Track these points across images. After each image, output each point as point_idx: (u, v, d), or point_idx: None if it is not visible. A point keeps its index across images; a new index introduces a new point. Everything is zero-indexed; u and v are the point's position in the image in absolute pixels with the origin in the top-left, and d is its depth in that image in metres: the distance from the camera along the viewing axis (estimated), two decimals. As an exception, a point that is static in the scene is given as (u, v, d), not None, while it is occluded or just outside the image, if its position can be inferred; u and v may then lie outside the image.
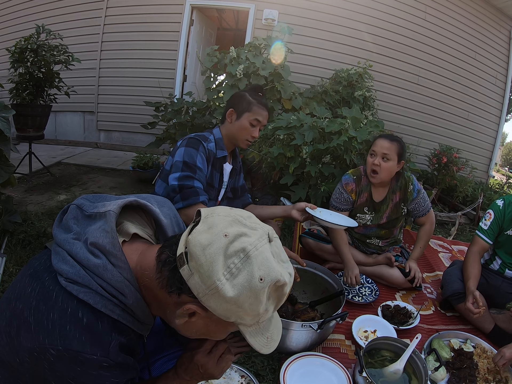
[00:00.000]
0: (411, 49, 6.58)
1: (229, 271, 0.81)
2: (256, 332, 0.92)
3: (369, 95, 4.89)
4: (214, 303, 0.82)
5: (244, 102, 2.21)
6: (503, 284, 2.58)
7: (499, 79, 7.65)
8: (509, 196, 2.61)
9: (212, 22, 7.86)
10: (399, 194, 2.74)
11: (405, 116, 6.72)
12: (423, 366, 1.86)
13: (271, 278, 0.82)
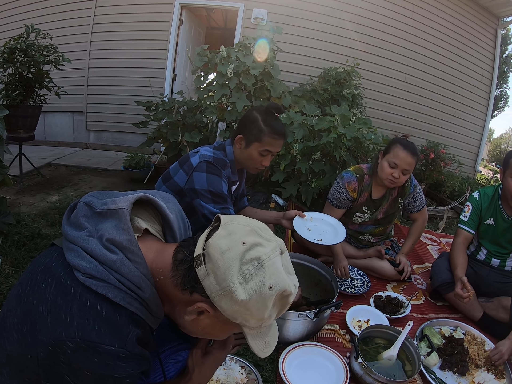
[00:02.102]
0: (398, 47, 6.67)
1: (243, 276, 0.86)
2: (257, 336, 0.98)
3: (357, 93, 4.96)
4: (225, 304, 0.87)
5: (255, 129, 2.04)
6: (490, 273, 2.69)
7: (485, 76, 7.78)
8: (484, 188, 2.74)
9: (201, 21, 7.87)
10: (397, 189, 2.80)
11: (392, 113, 6.82)
12: (416, 351, 1.94)
13: (279, 287, 0.88)
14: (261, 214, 2.52)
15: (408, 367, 1.94)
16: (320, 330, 2.18)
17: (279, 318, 1.83)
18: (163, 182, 2.18)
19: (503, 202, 2.59)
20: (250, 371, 1.72)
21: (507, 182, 2.44)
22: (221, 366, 1.70)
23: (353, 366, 1.85)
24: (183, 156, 2.18)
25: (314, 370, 1.85)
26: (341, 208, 2.81)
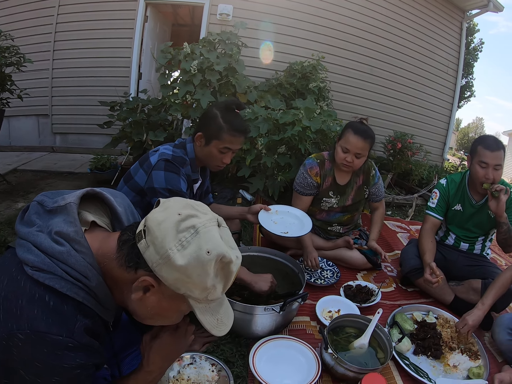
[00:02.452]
0: (364, 40, 6.74)
1: (180, 243, 0.90)
2: (206, 311, 1.01)
3: (324, 86, 4.98)
4: (166, 273, 0.91)
5: (214, 126, 2.01)
6: (459, 258, 2.75)
7: (451, 67, 7.98)
8: (451, 175, 2.81)
9: (166, 18, 7.80)
10: (362, 177, 2.86)
11: (359, 105, 6.89)
12: (387, 339, 1.95)
13: (217, 252, 0.91)
14: (226, 210, 2.51)
15: (380, 354, 1.95)
16: (290, 322, 2.18)
17: (246, 313, 1.84)
18: (124, 183, 2.15)
19: (470, 188, 2.66)
20: (221, 368, 1.70)
21: (474, 168, 2.50)
22: (191, 364, 1.68)
23: (324, 357, 1.84)
24: (143, 156, 2.15)
25: (285, 363, 1.84)
26: (308, 195, 2.83)
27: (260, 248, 2.48)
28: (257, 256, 2.40)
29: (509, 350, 2.14)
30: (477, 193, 2.63)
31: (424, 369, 2.03)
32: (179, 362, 1.68)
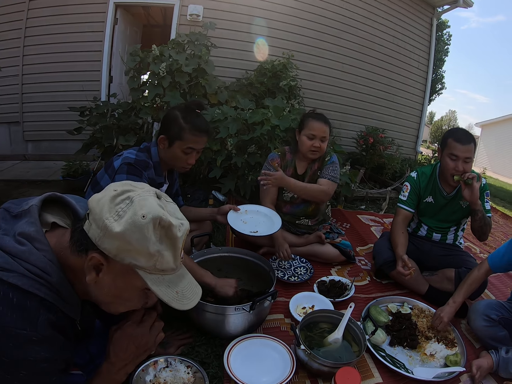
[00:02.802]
0: (335, 38, 6.80)
1: (116, 214, 0.95)
2: (160, 282, 1.03)
3: (294, 84, 5.00)
4: (107, 243, 0.95)
5: (175, 128, 2.01)
6: (432, 248, 2.80)
7: (421, 62, 8.13)
8: (421, 168, 2.85)
9: (137, 20, 7.69)
10: (317, 164, 2.94)
11: (331, 102, 6.94)
12: (360, 332, 1.98)
13: (152, 215, 0.95)
14: (196, 212, 2.52)
15: (355, 347, 1.97)
16: (264, 321, 2.19)
17: (218, 314, 1.85)
18: (91, 189, 2.14)
19: (441, 180, 2.70)
20: (197, 370, 1.69)
21: (444, 161, 2.55)
22: (167, 367, 1.68)
23: (298, 353, 1.86)
24: (108, 161, 2.14)
25: (260, 361, 1.85)
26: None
27: (231, 249, 2.49)
28: (228, 257, 2.41)
29: (485, 336, 2.19)
30: (448, 185, 2.67)
31: (401, 359, 2.06)
32: (155, 366, 1.67)
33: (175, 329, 2.02)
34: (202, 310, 1.90)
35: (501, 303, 2.29)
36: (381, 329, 2.19)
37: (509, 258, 2.22)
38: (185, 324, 2.06)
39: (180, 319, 2.07)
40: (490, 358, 2.03)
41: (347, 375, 1.67)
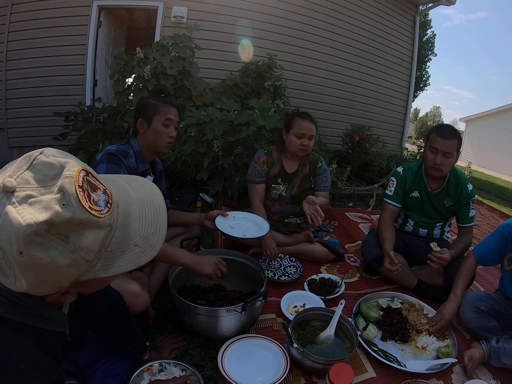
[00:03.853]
0: (319, 37, 6.82)
1: (9, 269, 0.74)
2: (111, 259, 0.82)
3: (279, 84, 5.00)
4: (39, 291, 0.78)
5: (149, 107, 2.15)
6: (419, 243, 2.84)
7: (405, 60, 8.21)
8: (407, 163, 2.88)
9: (121, 22, 7.62)
10: (308, 167, 2.95)
11: (316, 101, 6.96)
12: (352, 328, 2.00)
13: (24, 242, 0.70)
14: (184, 216, 2.53)
15: (347, 343, 1.99)
16: (256, 321, 2.19)
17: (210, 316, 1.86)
18: None
19: (427, 175, 2.73)
20: (191, 373, 1.69)
21: (425, 153, 2.61)
22: (162, 372, 1.68)
23: (291, 351, 1.87)
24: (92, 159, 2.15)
25: (254, 361, 1.86)
26: (260, 183, 2.91)
27: (220, 250, 2.49)
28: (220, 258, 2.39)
29: (476, 327, 2.23)
30: (434, 181, 2.72)
31: (393, 353, 2.08)
32: (149, 371, 1.66)
33: (168, 333, 2.01)
34: (194, 313, 1.90)
35: (490, 294, 2.33)
36: (372, 324, 2.21)
37: (492, 248, 2.28)
38: (178, 327, 2.06)
39: (172, 322, 2.08)
40: (481, 349, 2.07)
41: (341, 371, 1.69)
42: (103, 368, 1.55)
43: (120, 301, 1.57)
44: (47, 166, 0.75)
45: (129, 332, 1.60)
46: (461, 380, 1.99)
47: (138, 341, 1.64)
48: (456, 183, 2.70)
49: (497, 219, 5.62)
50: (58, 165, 0.75)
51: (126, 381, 1.56)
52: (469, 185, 2.72)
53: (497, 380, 2.03)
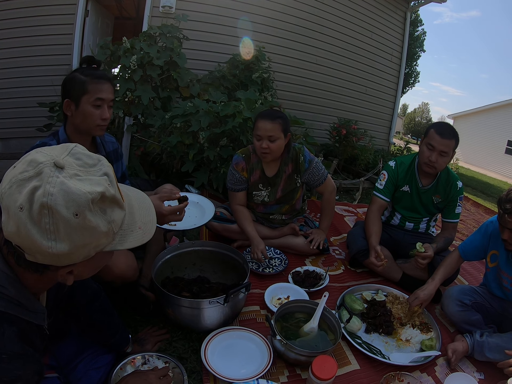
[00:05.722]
0: (309, 31, 6.80)
1: (50, 233, 0.80)
2: (124, 237, 0.96)
3: (267, 76, 4.97)
4: (67, 259, 0.85)
5: (76, 85, 1.81)
6: (405, 237, 2.86)
7: (395, 55, 8.27)
8: (399, 157, 2.88)
9: (108, 12, 7.49)
10: (291, 166, 2.78)
11: (304, 94, 6.97)
12: (335, 320, 2.00)
13: (83, 206, 0.81)
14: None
15: (331, 336, 1.99)
16: (240, 313, 2.18)
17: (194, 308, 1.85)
18: None
19: (419, 171, 2.74)
20: (175, 366, 1.68)
21: (421, 148, 2.62)
22: (145, 364, 1.67)
23: (275, 344, 1.87)
24: None
25: (238, 353, 1.86)
26: (240, 190, 2.81)
27: (205, 242, 2.46)
28: (202, 250, 2.38)
29: (459, 320, 2.26)
30: (425, 177, 2.74)
31: (377, 346, 2.10)
32: (133, 363, 1.65)
33: (151, 326, 2.00)
34: (177, 305, 1.88)
35: (474, 288, 2.36)
36: (356, 316, 2.22)
37: (476, 245, 2.33)
38: (161, 320, 2.04)
39: (155, 315, 2.06)
40: (465, 342, 2.10)
41: (324, 363, 1.69)
42: (85, 361, 1.53)
43: (100, 292, 1.56)
44: (86, 156, 0.89)
45: (111, 325, 1.59)
46: (444, 372, 2.01)
47: (121, 333, 1.64)
48: (447, 181, 2.73)
49: (482, 215, 5.68)
50: (95, 157, 0.91)
51: (109, 374, 1.55)
52: (459, 183, 2.74)
53: (481, 373, 2.05)
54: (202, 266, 2.41)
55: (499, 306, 2.26)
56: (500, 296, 2.26)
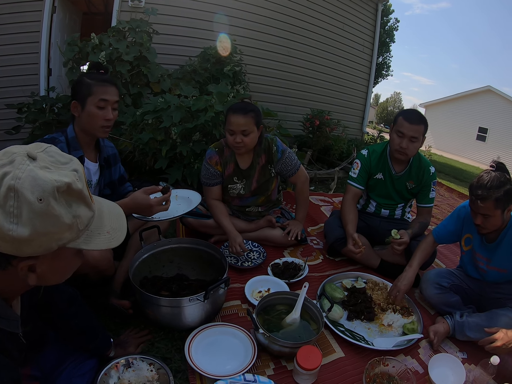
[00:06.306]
0: (281, 23, 6.78)
1: (13, 216, 0.81)
2: (90, 236, 0.96)
3: (239, 69, 4.93)
4: (27, 248, 0.84)
5: (83, 87, 1.93)
6: (381, 224, 2.89)
7: (366, 46, 8.36)
8: (372, 146, 2.90)
9: (77, 7, 7.26)
10: (264, 157, 2.77)
11: (277, 86, 6.96)
12: (317, 310, 2.01)
13: (46, 191, 0.82)
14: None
15: (314, 325, 2.00)
16: (221, 309, 2.16)
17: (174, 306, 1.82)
18: None
19: (391, 158, 2.77)
20: (160, 367, 1.66)
21: (392, 136, 2.65)
22: (129, 368, 1.64)
23: (258, 337, 1.86)
24: None
25: (222, 350, 1.84)
26: (214, 185, 2.79)
27: (180, 239, 2.41)
28: (179, 248, 2.34)
29: (439, 303, 2.30)
30: (397, 164, 2.77)
31: (360, 332, 2.13)
32: (117, 368, 1.62)
33: (133, 327, 1.96)
34: (157, 305, 1.85)
35: (451, 270, 2.41)
36: (337, 305, 2.24)
37: (449, 230, 2.37)
38: (142, 321, 2.00)
39: (137, 316, 2.01)
40: (446, 323, 2.14)
41: (308, 353, 1.71)
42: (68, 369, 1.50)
43: (76, 297, 1.52)
44: (59, 155, 0.92)
45: (90, 329, 1.56)
46: (428, 354, 2.04)
47: (101, 337, 1.61)
48: (419, 167, 2.77)
49: (456, 199, 5.80)
50: (68, 156, 0.94)
51: (94, 381, 1.52)
52: (431, 168, 2.78)
53: (463, 352, 2.10)
54: (180, 263, 2.37)
55: (477, 287, 2.30)
56: (476, 277, 2.30)
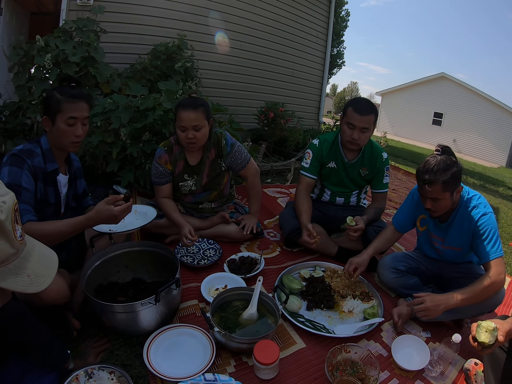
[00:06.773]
0: (232, 16, 6.71)
1: None
2: (6, 274, 0.92)
3: (191, 65, 4.86)
4: None
5: (53, 103, 1.90)
6: (337, 211, 2.94)
7: (320, 38, 8.43)
8: (322, 135, 2.93)
9: (25, 7, 6.95)
10: (214, 151, 2.78)
11: (230, 80, 6.89)
12: (273, 303, 2.03)
13: None
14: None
15: (271, 319, 2.02)
16: (178, 310, 2.15)
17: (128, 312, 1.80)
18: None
19: (343, 146, 2.80)
20: (120, 374, 1.64)
21: (342, 128, 2.67)
22: (90, 379, 1.62)
23: (216, 336, 1.86)
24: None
25: (180, 351, 1.84)
26: (164, 184, 2.77)
27: (132, 243, 2.36)
28: (132, 251, 2.29)
29: (397, 286, 2.38)
30: (349, 152, 2.80)
31: (320, 321, 2.16)
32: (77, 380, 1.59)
33: (91, 337, 1.92)
34: (111, 312, 1.82)
35: (407, 253, 2.50)
36: (296, 296, 2.26)
37: (406, 213, 2.43)
38: (100, 330, 1.97)
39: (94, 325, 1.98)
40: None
41: (265, 347, 1.73)
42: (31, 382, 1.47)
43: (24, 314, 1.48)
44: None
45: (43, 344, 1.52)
46: (391, 337, 2.10)
47: (56, 351, 1.57)
48: (371, 153, 2.82)
49: (413, 183, 5.96)
50: (6, 191, 0.94)
51: None
52: (384, 154, 2.84)
53: (427, 332, 2.18)
54: (135, 267, 2.33)
55: (435, 267, 2.38)
56: (434, 257, 2.38)
